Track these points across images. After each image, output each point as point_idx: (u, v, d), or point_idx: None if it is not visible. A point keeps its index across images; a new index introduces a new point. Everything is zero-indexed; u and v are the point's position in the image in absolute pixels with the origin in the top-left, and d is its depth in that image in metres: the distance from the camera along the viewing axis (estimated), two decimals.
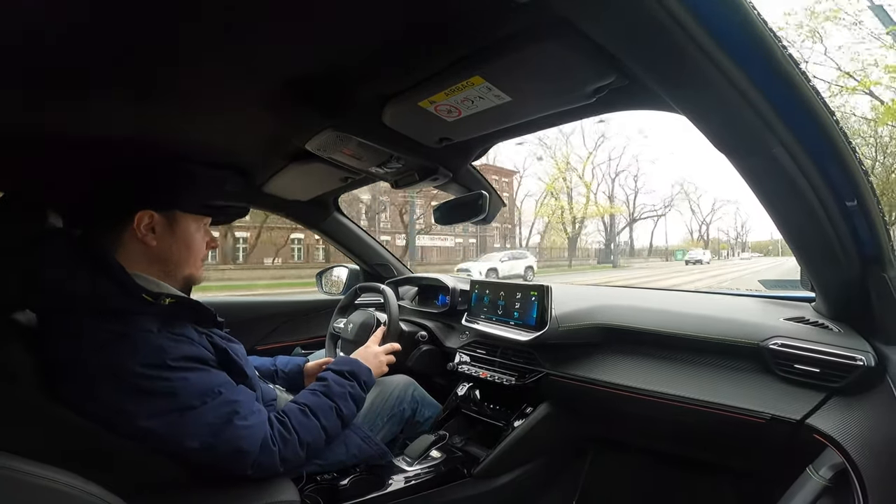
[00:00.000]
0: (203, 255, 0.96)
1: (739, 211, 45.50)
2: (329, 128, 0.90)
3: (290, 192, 1.51)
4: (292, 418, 0.89)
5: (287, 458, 0.84)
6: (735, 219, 47.64)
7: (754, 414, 0.88)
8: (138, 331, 0.76)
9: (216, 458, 0.77)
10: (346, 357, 1.13)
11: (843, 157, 0.65)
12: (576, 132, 30.32)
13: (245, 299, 1.89)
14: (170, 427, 0.74)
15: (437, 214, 1.33)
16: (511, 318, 1.28)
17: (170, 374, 0.75)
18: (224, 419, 0.78)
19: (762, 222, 45.52)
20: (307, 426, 0.89)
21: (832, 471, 0.76)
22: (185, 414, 0.75)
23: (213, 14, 0.58)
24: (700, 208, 37.25)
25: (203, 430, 0.76)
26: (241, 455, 0.78)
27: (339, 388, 0.99)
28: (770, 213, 0.77)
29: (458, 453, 1.25)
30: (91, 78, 0.73)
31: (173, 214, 0.89)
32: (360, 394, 1.03)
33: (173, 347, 0.77)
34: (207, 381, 0.80)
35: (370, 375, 1.08)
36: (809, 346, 0.86)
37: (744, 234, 50.00)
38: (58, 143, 0.95)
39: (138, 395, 0.73)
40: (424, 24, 0.63)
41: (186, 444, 0.75)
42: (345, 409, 0.97)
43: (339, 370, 1.05)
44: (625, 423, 1.23)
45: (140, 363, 0.74)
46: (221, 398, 0.79)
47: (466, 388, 1.37)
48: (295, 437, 0.86)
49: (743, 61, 0.52)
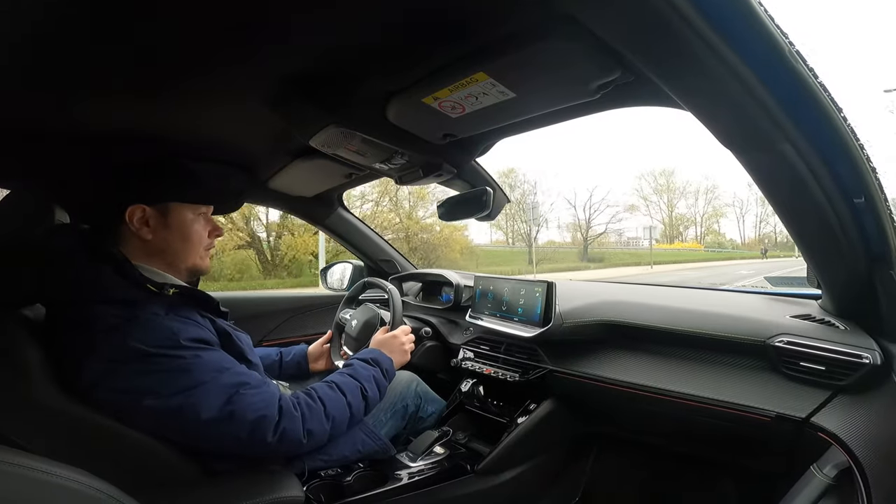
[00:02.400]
0: (206, 244, 0.96)
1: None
2: (333, 124, 0.90)
3: (294, 189, 1.52)
4: (319, 391, 0.91)
5: (312, 429, 0.85)
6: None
7: (759, 412, 0.88)
8: (147, 314, 0.78)
9: (235, 426, 0.77)
10: (369, 348, 1.16)
11: (851, 153, 0.64)
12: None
13: (250, 294, 1.90)
14: (184, 402, 0.75)
15: (442, 210, 1.33)
16: (515, 314, 1.28)
17: (183, 352, 0.77)
18: (235, 388, 0.79)
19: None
20: (334, 399, 0.91)
21: (836, 469, 0.76)
22: (198, 388, 0.76)
23: (215, 12, 0.58)
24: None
25: (217, 399, 0.77)
26: (262, 419, 0.79)
27: (364, 371, 1.02)
28: (777, 209, 0.76)
29: (461, 449, 1.26)
30: (94, 76, 0.73)
31: (166, 206, 0.89)
32: (383, 380, 1.05)
33: (183, 328, 0.79)
34: (217, 359, 0.82)
35: (391, 365, 1.11)
36: (815, 344, 0.86)
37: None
38: (62, 141, 0.95)
39: (152, 374, 0.75)
40: (428, 21, 0.63)
41: (203, 417, 0.75)
42: (370, 392, 0.99)
43: (363, 357, 1.08)
44: (629, 420, 1.23)
45: (152, 344, 0.75)
46: (230, 371, 0.81)
47: (470, 384, 1.38)
48: (321, 407, 0.88)
49: (748, 56, 0.52)
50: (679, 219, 47.96)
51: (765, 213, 49.98)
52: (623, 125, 63.23)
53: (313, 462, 0.98)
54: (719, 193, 51.25)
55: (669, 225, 47.20)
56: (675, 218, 47.27)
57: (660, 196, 46.42)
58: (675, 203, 47.17)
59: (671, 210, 47.22)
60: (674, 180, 46.78)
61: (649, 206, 46.30)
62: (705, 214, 48.96)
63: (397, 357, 1.15)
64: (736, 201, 49.35)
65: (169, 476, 0.78)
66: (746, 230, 49.62)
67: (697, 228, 48.31)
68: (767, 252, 36.70)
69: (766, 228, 48.01)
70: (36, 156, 1.03)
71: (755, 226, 50.13)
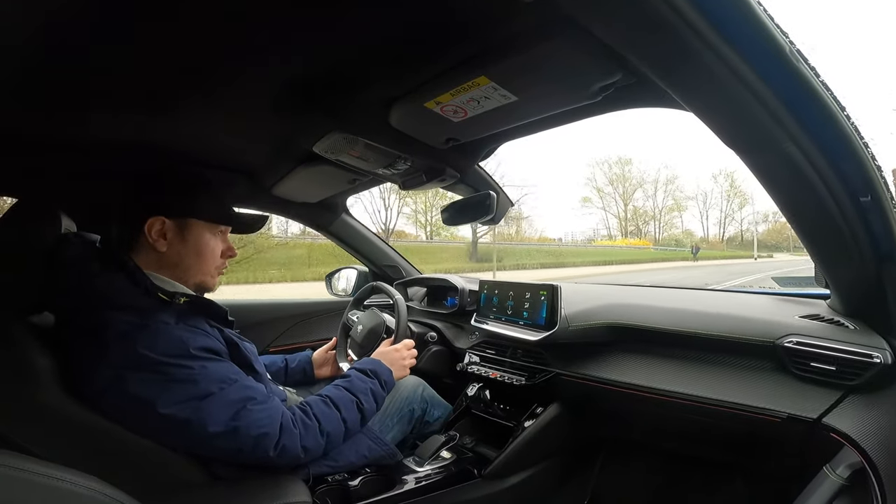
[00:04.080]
0: (218, 263, 0.96)
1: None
2: (335, 130, 0.91)
3: (298, 195, 1.52)
4: (314, 407, 0.92)
5: (308, 445, 0.86)
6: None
7: (770, 413, 0.87)
8: (157, 322, 0.79)
9: (239, 441, 0.78)
10: (369, 358, 1.15)
11: (856, 152, 0.63)
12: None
13: (256, 301, 1.91)
14: (192, 414, 0.75)
15: (446, 215, 1.33)
16: (520, 317, 1.28)
17: (192, 362, 0.78)
18: (242, 403, 0.80)
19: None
20: (328, 416, 0.91)
21: (849, 470, 0.75)
22: (205, 400, 0.77)
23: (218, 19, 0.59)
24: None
25: (224, 413, 0.77)
26: (264, 437, 0.80)
27: (361, 384, 1.02)
28: (783, 209, 0.76)
29: (468, 454, 1.26)
30: (99, 84, 0.74)
31: (186, 222, 0.90)
32: (380, 392, 1.05)
33: (192, 338, 0.80)
34: (224, 370, 0.82)
35: (391, 376, 1.10)
36: (825, 344, 0.85)
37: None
38: (67, 149, 0.97)
39: (160, 383, 0.75)
40: (428, 25, 0.63)
41: (210, 430, 0.76)
42: (366, 404, 0.99)
43: (361, 368, 1.07)
44: (636, 423, 1.22)
45: (161, 352, 0.76)
46: (237, 384, 0.82)
47: (476, 388, 1.37)
48: (316, 425, 0.88)
49: (750, 56, 0.52)
50: (636, 212, 45.08)
51: (730, 208, 46.64)
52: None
53: (320, 468, 0.98)
54: (680, 185, 48.16)
55: (624, 219, 44.46)
56: (630, 211, 44.47)
57: (615, 187, 43.98)
58: (632, 194, 44.39)
59: (626, 202, 44.35)
60: (630, 170, 44.04)
61: (603, 198, 43.73)
62: (664, 208, 46.22)
63: (397, 371, 1.15)
64: (699, 194, 47.13)
65: (176, 482, 0.78)
66: (712, 226, 46.75)
67: (656, 224, 45.68)
68: (699, 252, 34.60)
69: (732, 228, 45.21)
70: (42, 165, 1.04)
71: (720, 222, 47.35)
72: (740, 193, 46.86)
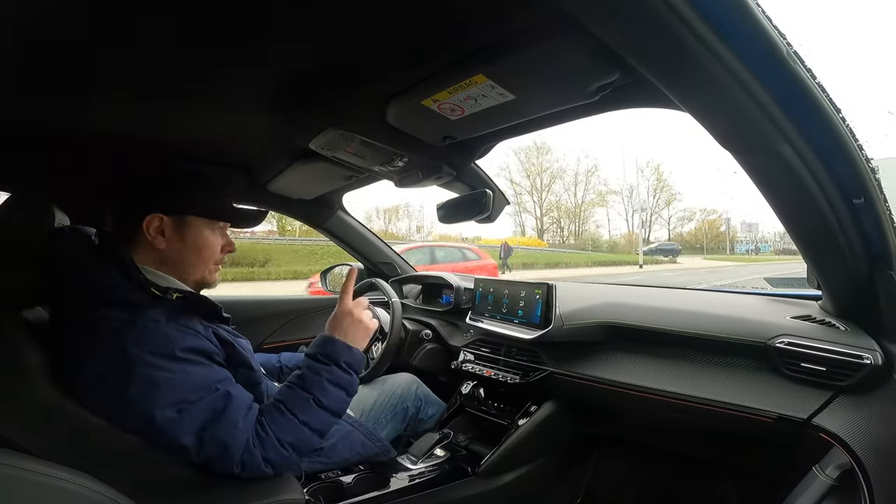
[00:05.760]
0: (217, 259, 0.95)
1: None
2: (332, 127, 0.90)
3: (294, 191, 1.52)
4: (267, 418, 0.83)
5: (270, 458, 0.80)
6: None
7: (761, 413, 0.88)
8: (147, 320, 0.77)
9: (205, 453, 0.76)
10: (319, 337, 0.97)
11: (850, 153, 0.64)
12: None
13: (251, 297, 1.90)
14: (168, 422, 0.73)
15: (441, 213, 1.32)
16: (515, 316, 1.28)
17: (174, 364, 0.76)
18: (216, 415, 0.77)
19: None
20: (283, 424, 0.83)
21: (839, 470, 0.76)
22: (181, 408, 0.75)
23: (215, 13, 0.59)
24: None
25: (196, 425, 0.75)
26: (227, 453, 0.77)
27: (313, 377, 0.89)
28: (776, 210, 0.76)
29: (462, 452, 1.26)
30: (93, 78, 0.74)
31: (184, 218, 0.89)
32: (343, 375, 0.91)
33: (180, 338, 0.78)
34: (206, 376, 0.80)
35: (349, 352, 0.94)
36: (816, 345, 0.86)
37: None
38: (60, 143, 0.96)
39: (144, 384, 0.74)
40: (427, 23, 0.63)
41: (182, 441, 0.74)
42: (324, 399, 0.87)
43: (312, 354, 0.93)
44: (629, 422, 1.22)
45: (148, 351, 0.75)
46: (217, 394, 0.79)
47: (471, 386, 1.38)
48: (272, 437, 0.81)
49: (747, 57, 0.52)
50: (552, 206, 40.72)
51: (656, 205, 41.89)
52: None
53: (313, 465, 0.98)
54: (604, 178, 43.75)
55: (539, 218, 40.57)
56: (547, 206, 40.10)
57: (532, 180, 40.16)
58: (550, 186, 40.22)
59: (542, 196, 40.13)
60: (549, 159, 39.72)
61: (516, 191, 39.61)
62: (585, 203, 42.10)
63: (359, 335, 0.98)
64: (624, 188, 42.42)
65: (168, 479, 0.78)
66: (636, 225, 41.44)
67: (578, 221, 41.41)
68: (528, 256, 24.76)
69: (659, 230, 40.48)
70: (36, 159, 1.03)
71: (645, 222, 42.53)
72: (667, 188, 43.71)
